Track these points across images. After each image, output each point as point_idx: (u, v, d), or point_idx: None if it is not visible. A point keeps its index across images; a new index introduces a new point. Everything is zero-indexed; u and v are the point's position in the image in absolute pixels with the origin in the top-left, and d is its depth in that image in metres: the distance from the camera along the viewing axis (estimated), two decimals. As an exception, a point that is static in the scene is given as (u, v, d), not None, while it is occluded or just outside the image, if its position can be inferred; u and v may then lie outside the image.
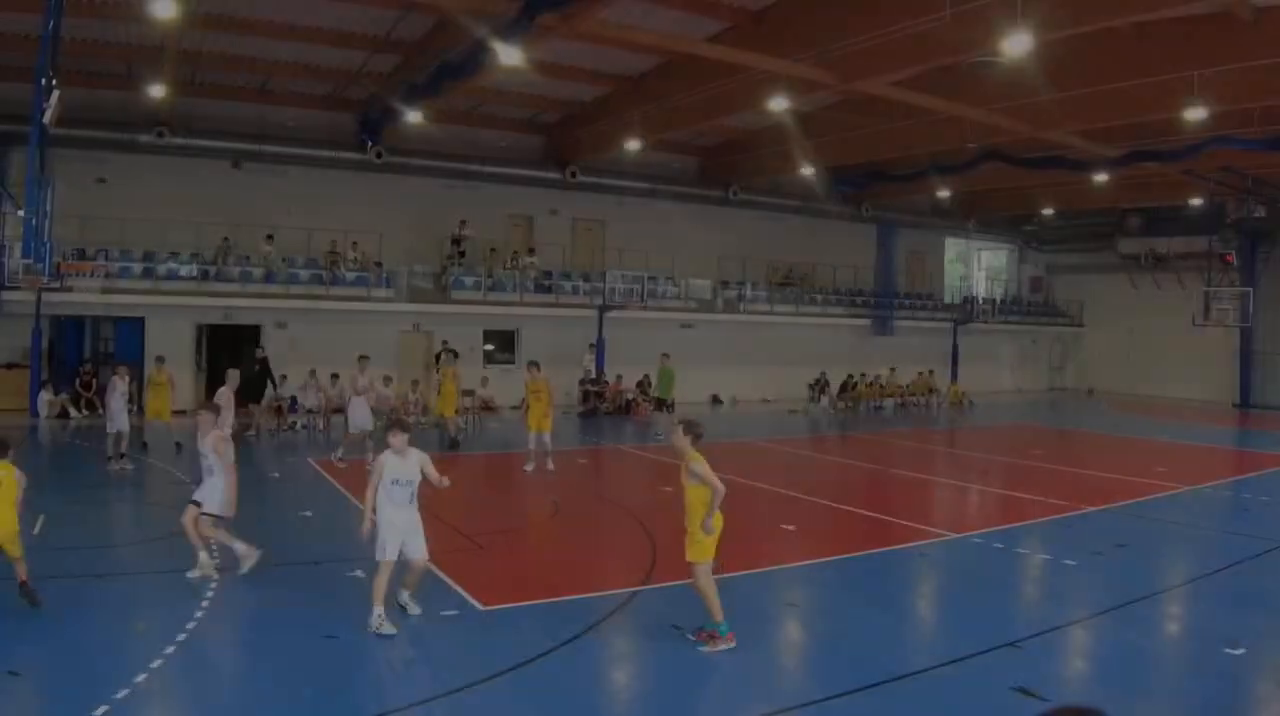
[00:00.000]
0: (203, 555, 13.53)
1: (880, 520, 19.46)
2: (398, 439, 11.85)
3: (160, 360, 27.44)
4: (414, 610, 12.12)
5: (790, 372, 47.67)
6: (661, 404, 33.96)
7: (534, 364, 25.15)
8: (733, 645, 11.05)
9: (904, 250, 56.32)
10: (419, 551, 11.88)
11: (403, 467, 11.78)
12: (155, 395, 26.75)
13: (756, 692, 10.15)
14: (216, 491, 13.60)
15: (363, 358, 26.48)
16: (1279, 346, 51.08)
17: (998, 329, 57.44)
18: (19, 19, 27.34)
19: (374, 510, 11.66)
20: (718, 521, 10.95)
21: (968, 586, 14.56)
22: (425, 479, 11.99)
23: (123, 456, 23.23)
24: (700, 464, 10.99)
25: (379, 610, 11.35)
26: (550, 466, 23.94)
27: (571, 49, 31.54)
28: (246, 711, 9.36)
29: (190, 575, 13.35)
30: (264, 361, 32.63)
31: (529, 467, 23.95)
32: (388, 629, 11.30)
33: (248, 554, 13.77)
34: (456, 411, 30.01)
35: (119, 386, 22.95)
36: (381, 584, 11.43)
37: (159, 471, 23.47)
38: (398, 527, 11.63)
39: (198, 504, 13.63)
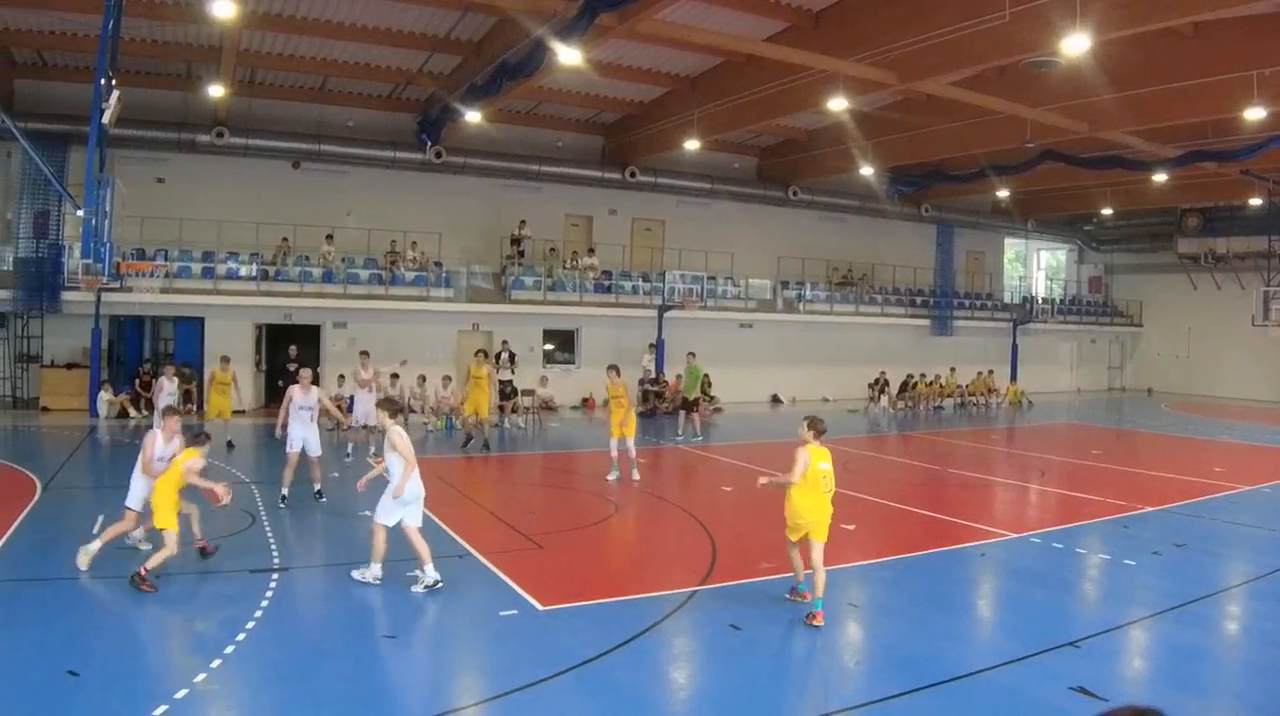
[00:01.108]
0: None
1: (940, 520, 18.89)
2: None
3: (225, 360, 26.77)
4: None
5: (849, 372, 46.41)
6: (688, 404, 32.50)
7: (614, 368, 23.88)
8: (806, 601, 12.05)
9: (963, 250, 54.55)
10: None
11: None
12: (220, 394, 26.13)
13: (816, 692, 10.14)
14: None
15: (364, 353, 25.77)
16: (1340, 346, 49.51)
17: (1056, 329, 55.39)
18: (78, 19, 26.81)
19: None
20: (795, 503, 11.97)
21: (1027, 586, 14.01)
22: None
23: None
24: (802, 452, 12.02)
25: None
26: (636, 476, 22.17)
27: (630, 49, 31.36)
28: (306, 710, 8.98)
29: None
30: (300, 362, 31.17)
31: (611, 477, 22.13)
32: None
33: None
34: (487, 412, 27.90)
35: (167, 386, 22.00)
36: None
37: (218, 471, 21.80)
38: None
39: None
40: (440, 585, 12.63)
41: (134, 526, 13.91)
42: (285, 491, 17.96)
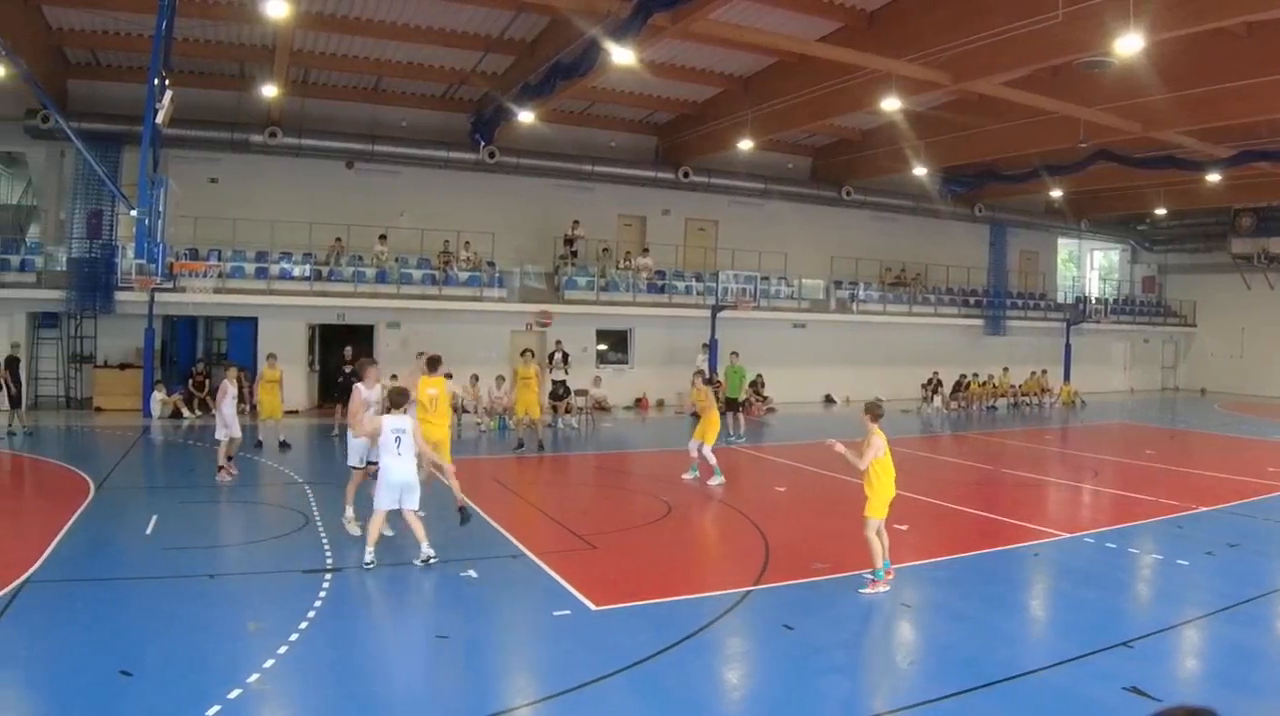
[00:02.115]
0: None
1: (993, 520, 18.46)
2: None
3: (272, 357, 26.48)
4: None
5: (903, 372, 44.93)
6: (733, 404, 31.08)
7: (700, 373, 22.95)
8: (887, 587, 12.41)
9: (1016, 250, 52.92)
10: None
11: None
12: (268, 392, 25.71)
13: (870, 692, 9.85)
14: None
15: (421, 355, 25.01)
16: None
17: (1110, 329, 53.79)
18: (132, 19, 26.30)
19: None
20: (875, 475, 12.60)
21: (1080, 586, 13.60)
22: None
23: (230, 460, 20.55)
24: (876, 437, 12.63)
25: None
26: (712, 481, 21.08)
27: (684, 49, 30.73)
28: (358, 711, 8.74)
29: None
30: (354, 364, 30.40)
31: (688, 476, 21.44)
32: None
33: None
34: (539, 412, 27.00)
35: (230, 389, 21.28)
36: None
37: (271, 470, 21.95)
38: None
39: None
40: (434, 560, 13.23)
41: (363, 478, 14.65)
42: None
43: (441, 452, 14.04)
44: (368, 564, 13.01)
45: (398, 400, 13.73)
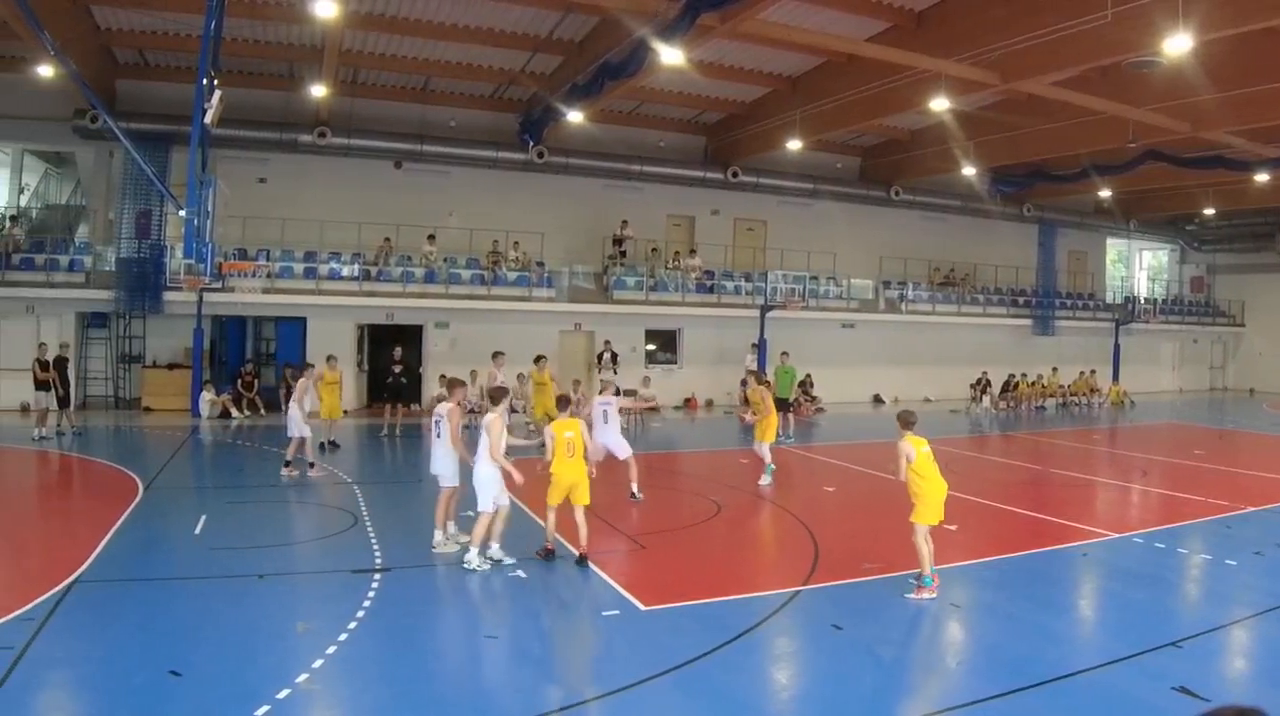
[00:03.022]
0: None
1: (1042, 520, 18.01)
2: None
3: (332, 358, 25.95)
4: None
5: (952, 372, 43.43)
6: (783, 404, 30.02)
7: (753, 373, 22.06)
8: (934, 595, 11.93)
9: (1065, 250, 51.25)
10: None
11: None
12: (330, 393, 25.16)
13: (919, 691, 9.64)
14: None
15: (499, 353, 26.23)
16: None
17: (1159, 329, 51.99)
18: (180, 19, 25.77)
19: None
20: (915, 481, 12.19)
21: (1128, 586, 13.33)
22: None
23: (296, 461, 20.41)
24: (904, 443, 12.27)
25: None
26: (762, 480, 20.57)
27: (732, 49, 30.07)
28: (408, 711, 8.56)
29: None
30: (405, 364, 29.49)
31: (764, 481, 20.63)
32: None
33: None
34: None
35: (310, 390, 20.50)
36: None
37: (320, 470, 21.07)
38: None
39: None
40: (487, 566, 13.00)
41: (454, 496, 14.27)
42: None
43: (579, 494, 13.11)
44: (499, 561, 13.04)
45: (497, 397, 13.67)
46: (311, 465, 20.41)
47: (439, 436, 14.07)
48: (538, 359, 26.84)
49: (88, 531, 14.28)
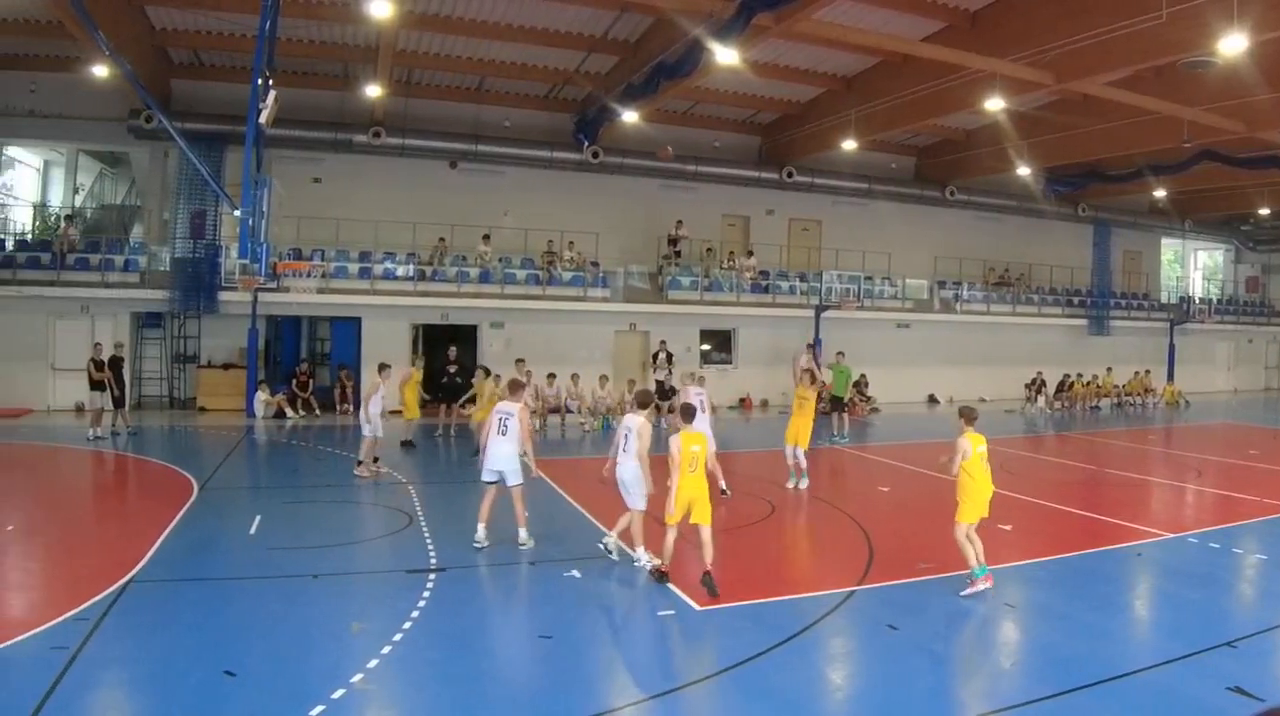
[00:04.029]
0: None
1: (1096, 520, 17.51)
2: None
3: (419, 359, 26.12)
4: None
5: (1006, 372, 42.04)
6: (838, 404, 29.30)
7: (809, 372, 21.07)
8: (989, 584, 11.74)
9: (1120, 250, 49.60)
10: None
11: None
12: (414, 393, 24.90)
13: (973, 692, 9.29)
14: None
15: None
16: None
17: (1214, 329, 50.36)
18: (235, 19, 25.52)
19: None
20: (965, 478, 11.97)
21: (1183, 586, 13.03)
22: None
23: (376, 461, 20.01)
24: (963, 438, 12.02)
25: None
26: (801, 483, 19.68)
27: (787, 49, 29.56)
28: (462, 711, 8.35)
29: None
30: (460, 364, 28.50)
31: (795, 484, 19.74)
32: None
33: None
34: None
35: (381, 390, 20.11)
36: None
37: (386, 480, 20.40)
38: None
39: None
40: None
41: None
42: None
43: (699, 510, 12.10)
44: (643, 564, 12.69)
45: (645, 400, 13.47)
46: (376, 459, 19.99)
47: (504, 433, 13.55)
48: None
49: (143, 531, 14.00)
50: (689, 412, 12.84)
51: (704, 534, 12.04)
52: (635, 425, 12.77)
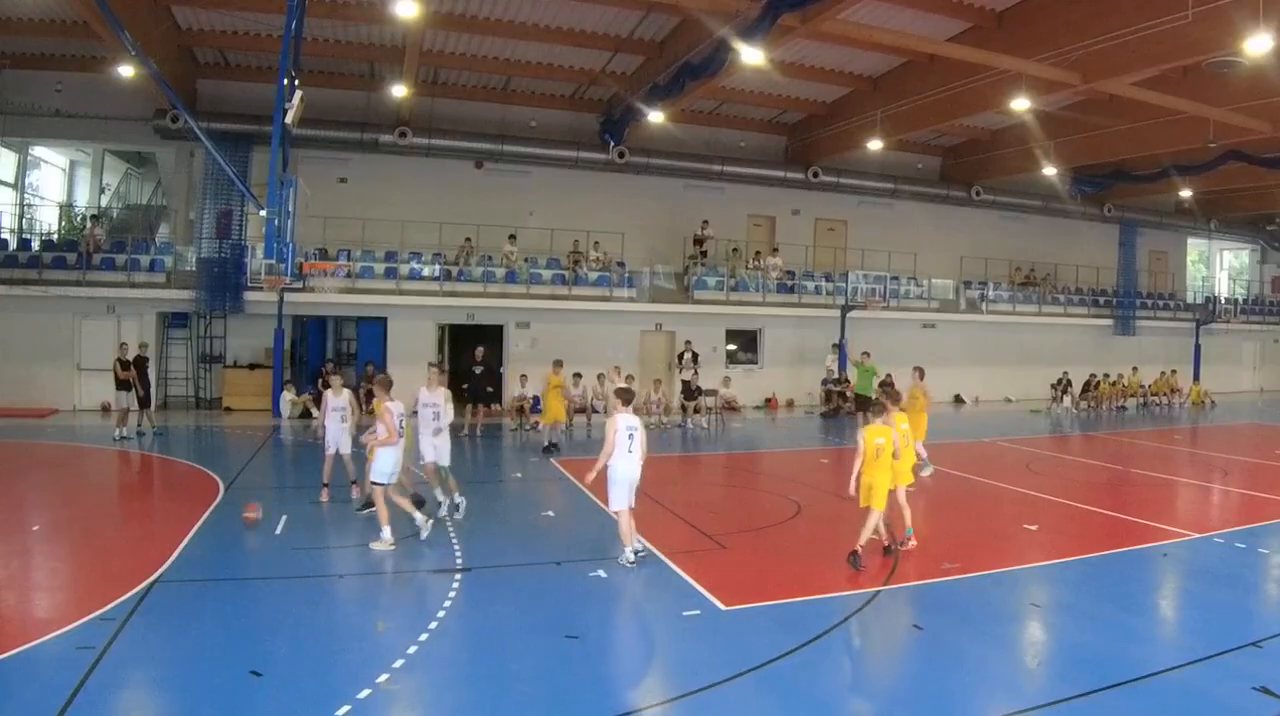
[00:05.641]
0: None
1: (1122, 520, 17.17)
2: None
3: (559, 363, 25.50)
4: None
5: (1032, 372, 41.28)
6: (863, 402, 28.20)
7: (919, 369, 21.40)
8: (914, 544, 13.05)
9: (1145, 250, 48.44)
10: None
11: None
12: (556, 397, 24.55)
13: (999, 691, 8.99)
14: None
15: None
16: None
17: (1239, 329, 49.10)
18: (261, 19, 25.34)
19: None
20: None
21: (1209, 586, 12.77)
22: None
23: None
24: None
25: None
26: (924, 471, 19.37)
27: (813, 49, 29.21)
28: (489, 711, 8.21)
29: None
30: (486, 364, 27.76)
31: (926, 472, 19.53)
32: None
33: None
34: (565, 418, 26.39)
35: (444, 391, 16.33)
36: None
37: (568, 485, 19.68)
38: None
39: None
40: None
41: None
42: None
43: (876, 496, 12.81)
44: (631, 562, 12.52)
45: (626, 397, 13.07)
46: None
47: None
48: (556, 363, 26.04)
49: (168, 531, 13.83)
50: (876, 406, 13.54)
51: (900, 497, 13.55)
52: (639, 424, 12.65)
